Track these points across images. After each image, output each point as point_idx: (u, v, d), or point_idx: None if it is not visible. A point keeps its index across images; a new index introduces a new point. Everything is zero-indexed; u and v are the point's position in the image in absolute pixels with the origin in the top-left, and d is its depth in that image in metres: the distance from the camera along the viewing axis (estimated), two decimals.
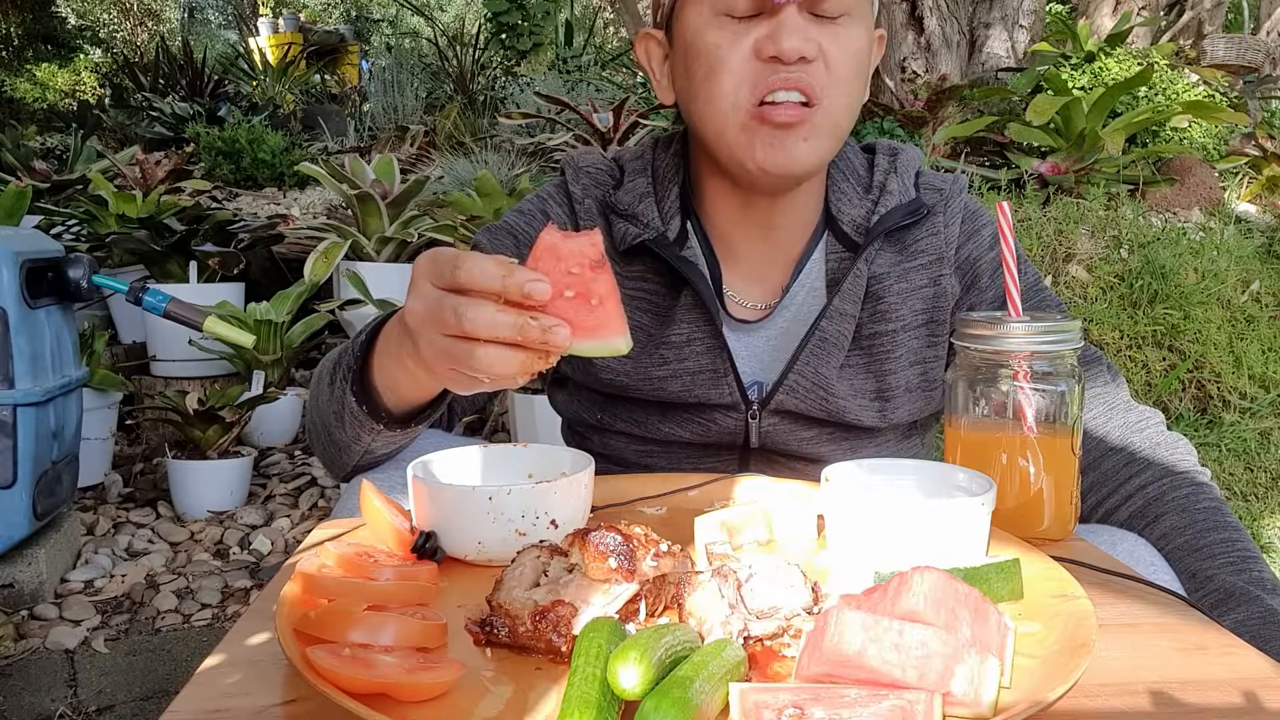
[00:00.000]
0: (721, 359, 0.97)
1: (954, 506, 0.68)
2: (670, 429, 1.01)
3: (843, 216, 1.01)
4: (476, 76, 5.85)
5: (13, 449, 1.93)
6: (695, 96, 0.92)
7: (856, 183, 1.03)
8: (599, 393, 1.03)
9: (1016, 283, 0.84)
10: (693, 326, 0.97)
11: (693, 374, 0.98)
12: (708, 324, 0.97)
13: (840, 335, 0.98)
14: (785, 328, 1.01)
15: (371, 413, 0.81)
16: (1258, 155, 4.36)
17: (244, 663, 0.59)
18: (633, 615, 0.61)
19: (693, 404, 0.99)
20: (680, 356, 0.97)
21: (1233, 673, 0.58)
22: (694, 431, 1.01)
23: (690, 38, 0.91)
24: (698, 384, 0.98)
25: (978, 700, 0.50)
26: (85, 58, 10.22)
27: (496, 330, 0.58)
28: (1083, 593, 0.64)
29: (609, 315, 0.61)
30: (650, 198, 1.01)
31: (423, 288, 0.63)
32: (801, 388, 0.97)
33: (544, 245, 0.61)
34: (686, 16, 0.92)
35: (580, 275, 0.60)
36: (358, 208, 3.30)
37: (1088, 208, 3.59)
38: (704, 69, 0.90)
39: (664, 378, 0.98)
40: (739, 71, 0.88)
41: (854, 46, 0.90)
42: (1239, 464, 2.87)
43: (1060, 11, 5.88)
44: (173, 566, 2.31)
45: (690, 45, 0.91)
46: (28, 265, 1.98)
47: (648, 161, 1.05)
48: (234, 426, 2.60)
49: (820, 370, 0.97)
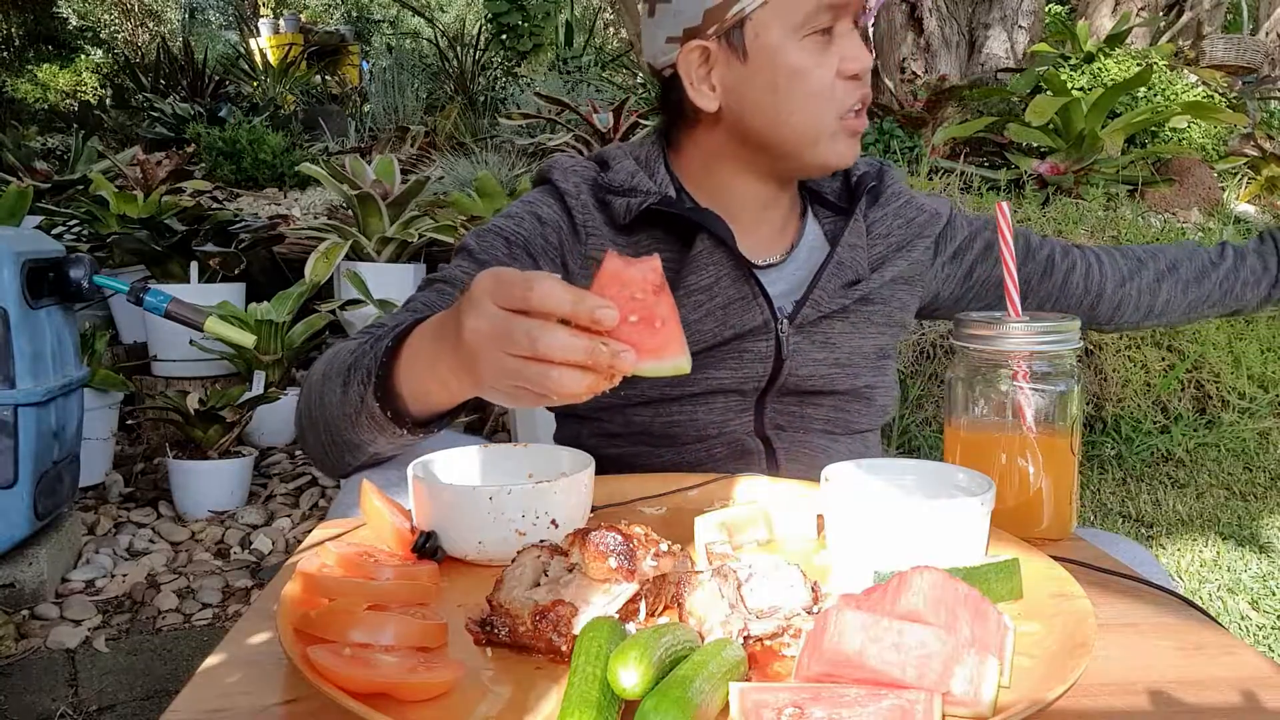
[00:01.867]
0: (749, 285, 1.03)
1: (954, 506, 0.68)
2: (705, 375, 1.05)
3: (824, 189, 1.15)
4: (477, 77, 5.85)
5: (14, 449, 1.93)
6: (781, 110, 0.99)
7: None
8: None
9: (1016, 283, 0.84)
10: (718, 267, 1.03)
11: (724, 306, 1.03)
12: (730, 259, 1.03)
13: (854, 261, 1.08)
14: (801, 266, 1.10)
15: (395, 417, 0.81)
16: (1257, 156, 4.36)
17: (245, 662, 0.59)
18: (633, 615, 0.61)
19: (728, 338, 1.04)
20: (711, 295, 1.03)
21: (1232, 672, 0.58)
22: (728, 369, 1.05)
23: (771, 56, 0.97)
24: (730, 314, 1.03)
25: (977, 700, 0.50)
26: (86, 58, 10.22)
27: (570, 354, 0.60)
28: (1082, 592, 0.64)
29: (670, 337, 0.63)
30: (641, 173, 1.07)
31: (487, 307, 0.63)
32: (824, 303, 1.06)
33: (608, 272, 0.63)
34: (769, 35, 0.97)
35: (644, 300, 0.63)
36: (358, 208, 3.31)
37: (1087, 208, 3.59)
38: (797, 89, 0.98)
39: (699, 319, 1.03)
40: (829, 92, 0.98)
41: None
42: (1238, 464, 2.87)
43: (1059, 12, 5.88)
44: (173, 566, 2.31)
45: (771, 63, 0.98)
46: (29, 265, 1.99)
47: (628, 151, 1.11)
48: (235, 426, 2.60)
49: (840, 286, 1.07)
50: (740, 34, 0.98)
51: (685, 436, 1.06)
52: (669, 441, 1.07)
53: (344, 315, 3.17)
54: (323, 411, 0.90)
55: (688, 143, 1.07)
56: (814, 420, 1.09)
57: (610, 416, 1.08)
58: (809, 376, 1.07)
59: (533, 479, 0.81)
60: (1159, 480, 2.79)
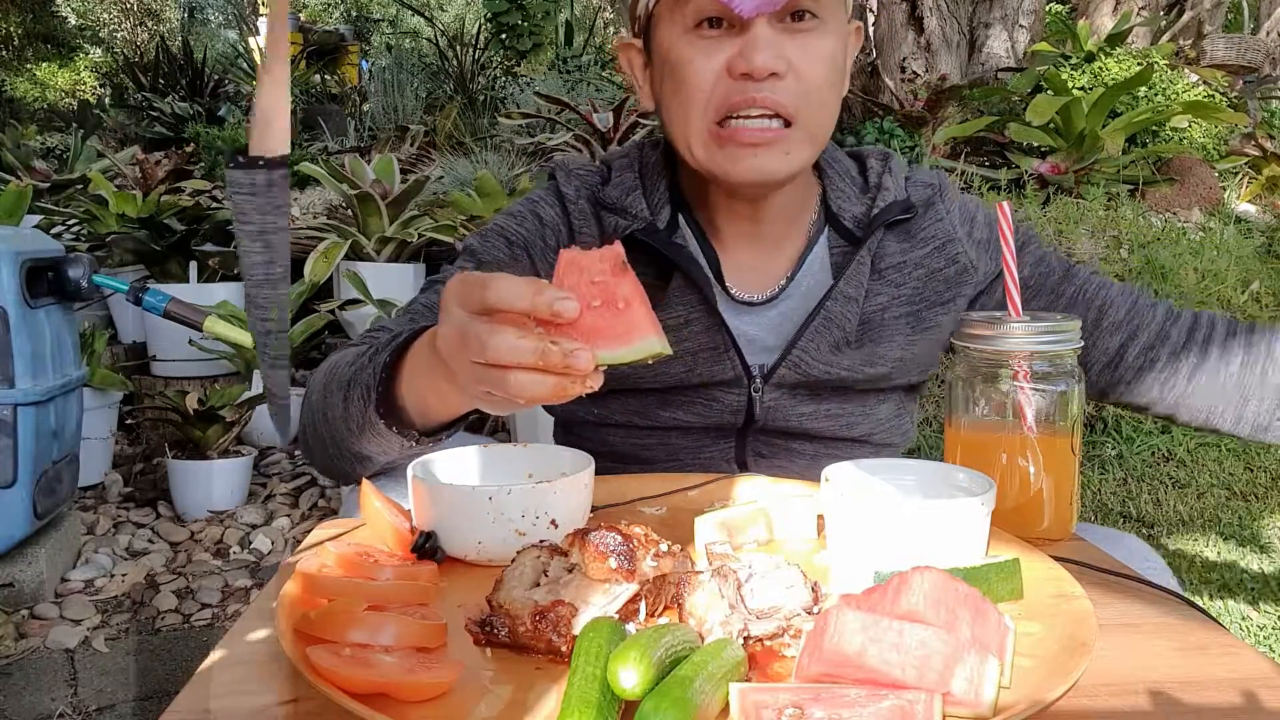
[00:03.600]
0: (721, 336, 0.97)
1: (954, 506, 0.68)
2: (672, 414, 1.01)
3: (843, 213, 1.03)
4: (476, 76, 5.85)
5: (13, 448, 1.93)
6: (667, 108, 0.94)
7: (852, 183, 1.06)
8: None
9: (1016, 283, 0.84)
10: (688, 309, 0.98)
11: (694, 354, 0.98)
12: (702, 304, 0.97)
13: (843, 317, 0.99)
14: (788, 313, 1.02)
15: (400, 430, 0.80)
16: (1257, 155, 4.37)
17: (244, 662, 0.59)
18: (633, 615, 0.61)
19: (696, 384, 0.99)
20: (680, 339, 0.97)
21: (1232, 673, 0.58)
22: (696, 413, 1.01)
23: (665, 52, 0.92)
24: (699, 363, 0.98)
25: (977, 700, 0.50)
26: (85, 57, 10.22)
27: (519, 356, 0.58)
28: (1083, 593, 0.64)
29: (637, 316, 0.61)
30: (638, 190, 1.02)
31: (453, 312, 0.62)
32: (803, 364, 0.98)
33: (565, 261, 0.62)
34: (661, 30, 0.93)
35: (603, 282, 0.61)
36: (358, 208, 3.30)
37: (1087, 208, 3.59)
38: (675, 83, 0.91)
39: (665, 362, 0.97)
40: (709, 89, 0.89)
41: (825, 54, 0.90)
42: (1239, 464, 2.87)
43: (1060, 11, 5.88)
44: (173, 566, 2.31)
45: (664, 59, 0.92)
46: (28, 265, 1.98)
47: (634, 159, 1.06)
48: (234, 426, 2.60)
49: (821, 347, 0.98)
50: (650, 32, 0.95)
51: (659, 460, 1.03)
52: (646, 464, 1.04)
53: (343, 315, 3.17)
54: (327, 426, 0.88)
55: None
56: (800, 455, 1.04)
57: (589, 434, 1.06)
58: (791, 426, 1.02)
59: (532, 479, 0.81)
60: (1160, 480, 2.79)
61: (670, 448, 1.03)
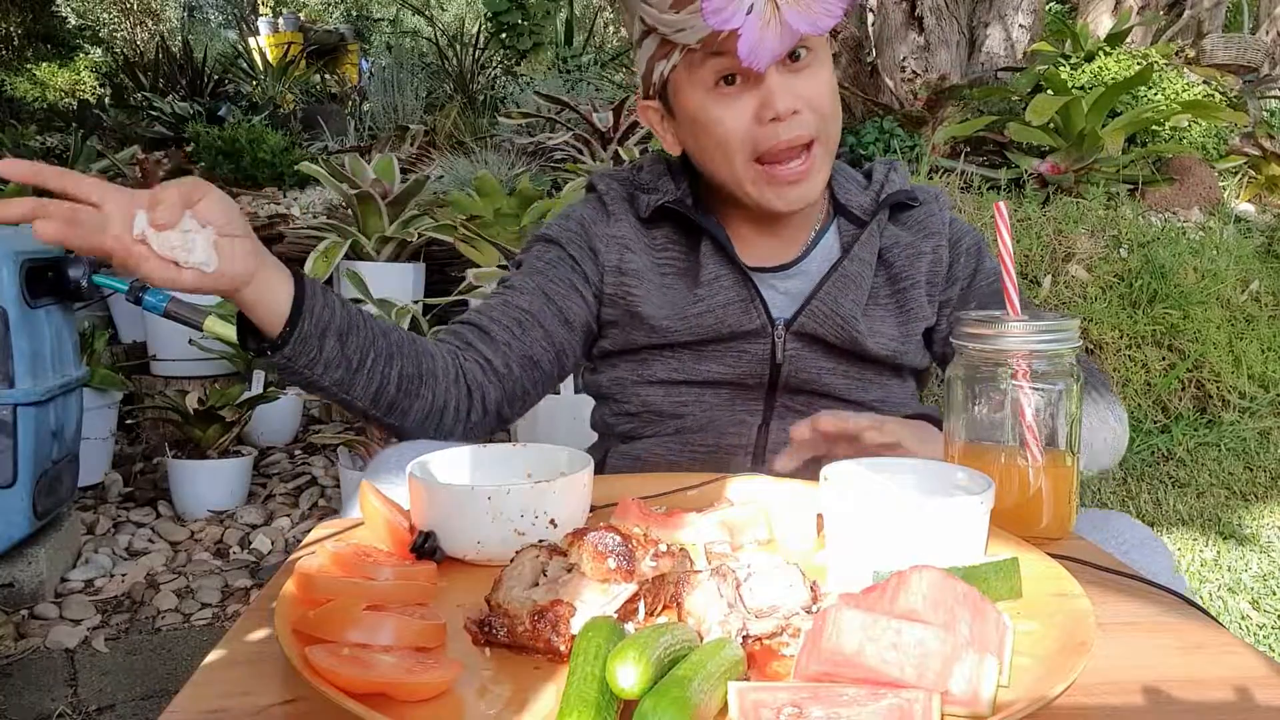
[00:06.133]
0: (748, 289, 1.09)
1: (953, 505, 0.68)
2: (705, 367, 1.12)
3: (851, 203, 1.16)
4: (476, 76, 5.85)
5: (13, 448, 1.93)
6: (709, 160, 1.07)
7: (858, 183, 1.19)
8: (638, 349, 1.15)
9: (1015, 282, 0.84)
10: (717, 265, 1.10)
11: (724, 305, 1.09)
12: (729, 262, 1.10)
13: (859, 276, 1.11)
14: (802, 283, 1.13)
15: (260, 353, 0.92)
16: (1257, 155, 4.36)
17: (244, 662, 0.59)
18: (631, 615, 0.61)
19: (725, 335, 1.10)
20: (712, 292, 1.09)
21: (1231, 671, 0.58)
22: (728, 364, 1.11)
23: (693, 113, 1.04)
24: (729, 314, 1.09)
25: (976, 699, 0.50)
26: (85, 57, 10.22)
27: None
28: (1081, 591, 0.64)
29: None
30: (667, 176, 1.15)
31: None
32: (822, 313, 1.09)
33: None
34: (683, 93, 1.04)
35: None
36: (358, 207, 3.30)
37: (1087, 207, 3.59)
38: (714, 141, 1.04)
39: (699, 314, 1.09)
40: (744, 137, 1.02)
41: (825, 80, 1.04)
42: (1239, 463, 2.87)
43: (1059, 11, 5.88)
44: (173, 566, 2.31)
45: (694, 119, 1.04)
46: (28, 265, 1.99)
47: (661, 158, 1.19)
48: (234, 426, 2.60)
49: (840, 301, 1.09)
50: (668, 95, 1.07)
51: (695, 416, 1.13)
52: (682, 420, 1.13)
53: None
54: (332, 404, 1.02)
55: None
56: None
57: (628, 396, 1.15)
58: (810, 381, 1.11)
59: (531, 479, 0.81)
60: (1159, 480, 2.79)
61: (704, 404, 1.13)
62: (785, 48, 0.96)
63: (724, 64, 0.99)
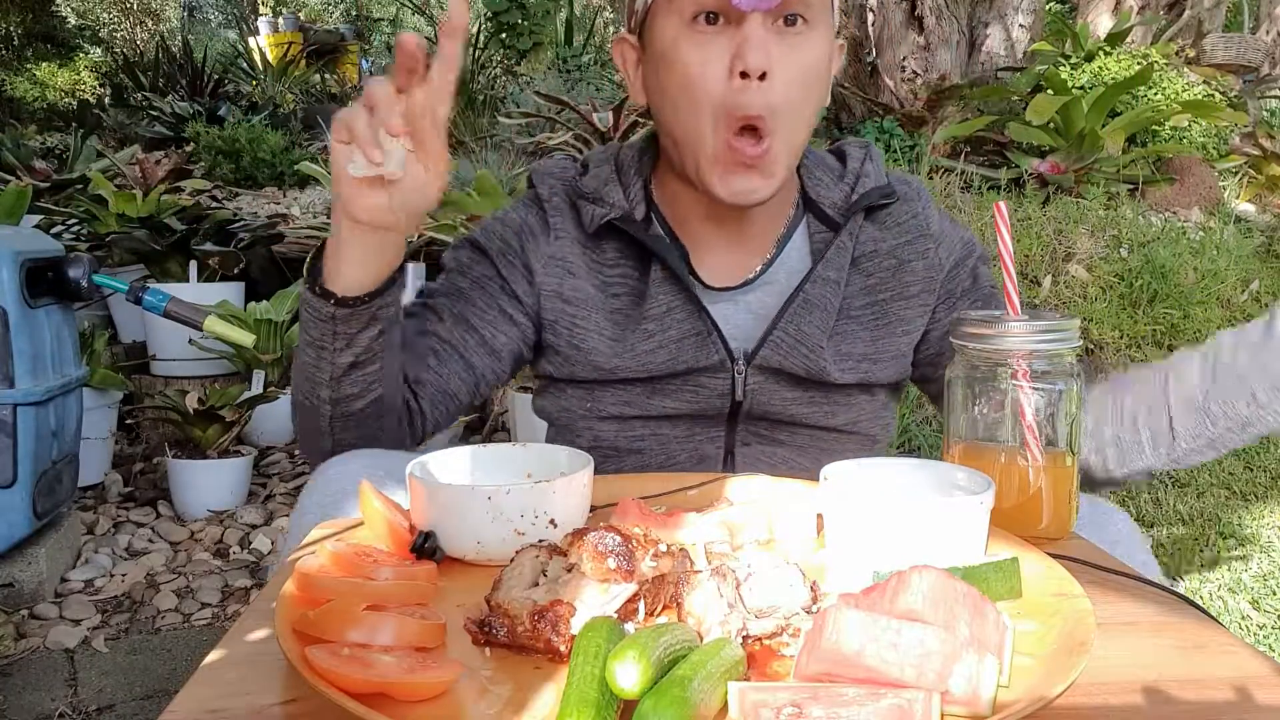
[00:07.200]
0: (704, 321, 0.99)
1: (953, 505, 0.68)
2: (660, 402, 1.03)
3: (822, 200, 1.04)
4: (476, 76, 5.85)
5: (13, 448, 1.93)
6: (673, 107, 0.94)
7: (830, 172, 1.07)
8: (586, 381, 1.05)
9: (1015, 282, 0.84)
10: (669, 296, 1.00)
11: (678, 341, 1.00)
12: (682, 291, 0.99)
13: (824, 299, 1.01)
14: (766, 301, 1.03)
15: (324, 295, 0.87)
16: (1257, 155, 4.37)
17: (243, 662, 0.59)
18: (631, 614, 0.61)
19: (681, 371, 1.01)
20: (663, 327, 1.00)
21: (1231, 671, 0.58)
22: (684, 400, 1.02)
23: (663, 49, 0.92)
24: (684, 350, 1.00)
25: (976, 699, 0.50)
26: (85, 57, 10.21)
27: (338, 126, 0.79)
28: (1081, 591, 0.64)
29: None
30: (614, 182, 1.03)
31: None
32: (785, 344, 0.99)
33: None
34: (658, 25, 0.93)
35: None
36: None
37: (1087, 207, 3.59)
38: (679, 81, 0.91)
39: (650, 350, 1.00)
40: (715, 93, 0.90)
41: (809, 59, 0.91)
42: (1239, 463, 2.87)
43: (1059, 11, 5.88)
44: (173, 566, 2.31)
45: (663, 56, 0.93)
46: (28, 265, 1.99)
47: (611, 154, 1.07)
48: (234, 426, 2.60)
49: (803, 329, 1.00)
50: (646, 26, 0.95)
51: (651, 451, 1.05)
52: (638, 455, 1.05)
53: None
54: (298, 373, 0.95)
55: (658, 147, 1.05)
56: (786, 444, 1.05)
57: (580, 430, 1.07)
58: (775, 411, 1.03)
59: (531, 479, 0.81)
60: (1159, 479, 2.79)
61: (661, 438, 1.05)
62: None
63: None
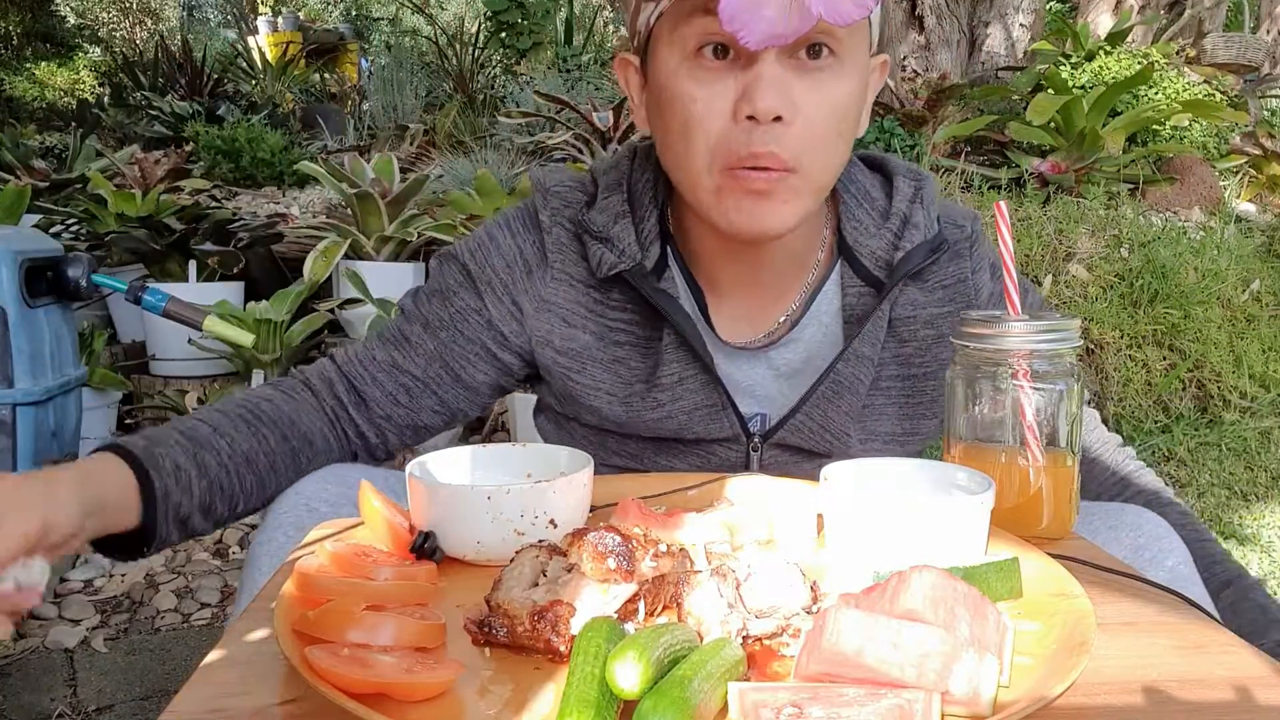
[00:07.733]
0: (718, 393, 0.92)
1: (953, 505, 0.68)
2: (668, 461, 0.97)
3: (860, 248, 0.93)
4: (476, 75, 5.85)
5: (12, 448, 1.93)
6: (670, 146, 0.86)
7: (872, 208, 0.96)
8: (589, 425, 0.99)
9: (1015, 282, 0.84)
10: (682, 365, 0.92)
11: (688, 412, 0.93)
12: (696, 361, 0.91)
13: (856, 380, 0.92)
14: (793, 362, 0.95)
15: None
16: (1258, 154, 4.36)
17: (243, 662, 0.59)
18: (631, 615, 0.61)
19: (690, 440, 0.96)
20: (674, 397, 0.93)
21: (1231, 671, 0.58)
22: (691, 464, 0.97)
23: (664, 80, 0.84)
24: (695, 421, 0.93)
25: (976, 699, 0.50)
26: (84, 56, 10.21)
27: None
28: (1081, 591, 0.63)
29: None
30: (627, 219, 0.92)
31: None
32: (807, 428, 0.93)
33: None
34: (660, 54, 0.84)
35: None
36: (357, 207, 3.30)
37: (1088, 207, 3.59)
38: (679, 121, 0.83)
39: (659, 419, 0.94)
40: (714, 134, 0.81)
41: (838, 99, 0.82)
42: (1239, 463, 2.87)
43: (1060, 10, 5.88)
44: (172, 566, 2.31)
45: (664, 89, 0.84)
46: (27, 264, 1.98)
47: (624, 174, 0.97)
48: None
49: (829, 414, 0.92)
50: (649, 51, 0.86)
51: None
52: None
53: (343, 314, 3.17)
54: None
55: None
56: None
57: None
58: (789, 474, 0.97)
59: (531, 479, 0.81)
60: (1160, 479, 2.79)
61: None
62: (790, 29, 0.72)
63: (714, 27, 0.76)
